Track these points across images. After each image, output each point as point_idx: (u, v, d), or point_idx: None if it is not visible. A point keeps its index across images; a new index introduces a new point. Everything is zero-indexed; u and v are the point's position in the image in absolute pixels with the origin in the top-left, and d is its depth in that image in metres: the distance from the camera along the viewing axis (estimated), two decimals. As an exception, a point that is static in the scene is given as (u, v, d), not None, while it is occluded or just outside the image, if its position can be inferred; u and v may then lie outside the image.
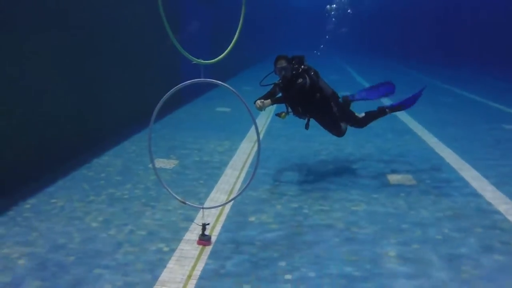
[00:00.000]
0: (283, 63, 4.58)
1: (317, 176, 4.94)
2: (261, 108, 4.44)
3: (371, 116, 5.18)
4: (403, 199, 4.31)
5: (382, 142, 6.51)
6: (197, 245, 3.33)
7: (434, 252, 3.28)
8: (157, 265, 3.05)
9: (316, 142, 6.37)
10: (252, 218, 3.82)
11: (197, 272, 2.97)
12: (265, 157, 5.53)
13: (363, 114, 5.13)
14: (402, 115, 8.65)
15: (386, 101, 7.64)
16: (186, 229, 3.60)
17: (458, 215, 3.96)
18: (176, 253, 3.22)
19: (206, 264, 3.08)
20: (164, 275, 2.93)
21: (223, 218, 3.82)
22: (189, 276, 2.92)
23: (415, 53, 27.67)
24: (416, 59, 25.81)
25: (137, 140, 6.20)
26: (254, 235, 3.52)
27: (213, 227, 3.64)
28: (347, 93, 5.21)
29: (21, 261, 3.05)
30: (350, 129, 7.03)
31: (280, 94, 4.75)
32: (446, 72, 19.60)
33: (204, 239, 3.34)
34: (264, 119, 7.98)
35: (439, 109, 9.75)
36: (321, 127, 5.05)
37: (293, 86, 4.56)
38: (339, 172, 5.10)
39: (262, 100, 4.47)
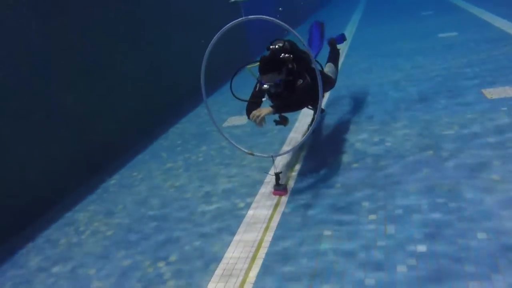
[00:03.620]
0: (274, 77, 3.06)
1: (399, 105, 4.42)
2: (261, 124, 3.09)
3: (333, 62, 4.28)
4: (505, 113, 3.67)
5: (475, 55, 5.64)
6: (274, 196, 3.18)
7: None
8: (234, 221, 2.96)
9: (396, 70, 5.74)
10: (330, 160, 3.54)
11: (274, 223, 2.82)
12: (341, 96, 5.12)
13: (330, 70, 4.18)
14: (496, 21, 7.45)
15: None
16: (261, 182, 3.46)
17: None
18: (253, 206, 3.10)
19: (283, 214, 2.91)
20: (241, 230, 2.83)
21: (299, 165, 3.60)
22: (266, 228, 2.78)
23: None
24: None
25: (210, 103, 6.13)
26: (333, 177, 3.25)
27: (290, 175, 3.44)
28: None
29: (109, 233, 3.18)
30: (437, 48, 6.24)
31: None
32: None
33: (279, 189, 3.17)
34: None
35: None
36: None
37: (291, 92, 3.21)
38: (425, 96, 4.51)
39: (260, 110, 3.11)
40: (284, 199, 3.11)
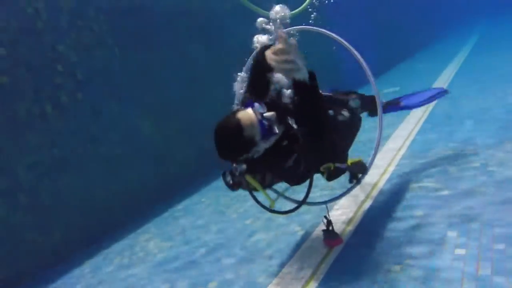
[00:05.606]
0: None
1: (510, 129, 3.61)
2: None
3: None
4: None
5: None
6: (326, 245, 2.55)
7: None
8: (289, 250, 2.55)
9: (498, 90, 4.83)
10: (412, 183, 2.94)
11: (334, 254, 2.34)
12: (438, 119, 4.43)
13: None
14: None
15: None
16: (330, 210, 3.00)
17: None
18: (313, 236, 2.66)
19: (346, 244, 2.41)
20: (294, 261, 2.40)
21: (375, 193, 3.06)
22: (322, 262, 2.31)
23: None
24: None
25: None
26: (414, 203, 2.65)
27: (355, 215, 2.89)
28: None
29: (158, 255, 2.98)
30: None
31: None
32: None
33: (330, 237, 2.46)
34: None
35: None
36: None
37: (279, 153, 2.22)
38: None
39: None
40: (350, 228, 2.60)
